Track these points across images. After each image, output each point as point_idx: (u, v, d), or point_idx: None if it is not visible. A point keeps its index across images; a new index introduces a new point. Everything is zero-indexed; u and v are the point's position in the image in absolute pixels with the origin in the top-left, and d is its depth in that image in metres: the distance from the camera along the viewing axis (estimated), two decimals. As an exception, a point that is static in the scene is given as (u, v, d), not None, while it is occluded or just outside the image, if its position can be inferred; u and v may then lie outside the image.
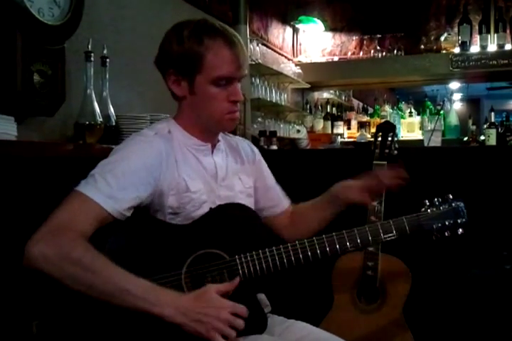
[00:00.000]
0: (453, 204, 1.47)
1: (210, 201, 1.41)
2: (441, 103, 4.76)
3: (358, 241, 1.39)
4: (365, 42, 4.89)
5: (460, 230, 1.46)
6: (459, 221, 1.46)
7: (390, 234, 1.42)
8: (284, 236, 1.63)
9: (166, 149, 1.37)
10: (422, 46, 4.62)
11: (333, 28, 5.02)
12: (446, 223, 1.45)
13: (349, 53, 4.96)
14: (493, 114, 4.26)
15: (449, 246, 2.35)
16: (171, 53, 1.38)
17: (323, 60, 5.03)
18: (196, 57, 1.35)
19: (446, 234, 1.46)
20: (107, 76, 2.18)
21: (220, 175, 1.47)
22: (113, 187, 1.25)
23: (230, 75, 1.38)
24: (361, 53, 4.89)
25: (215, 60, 1.36)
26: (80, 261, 1.15)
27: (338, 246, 1.37)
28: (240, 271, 1.31)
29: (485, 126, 4.10)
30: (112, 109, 2.19)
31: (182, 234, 1.34)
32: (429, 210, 1.46)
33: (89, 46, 2.07)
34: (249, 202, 1.50)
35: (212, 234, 1.35)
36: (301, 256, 1.35)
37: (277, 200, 1.66)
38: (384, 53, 4.71)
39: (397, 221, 1.43)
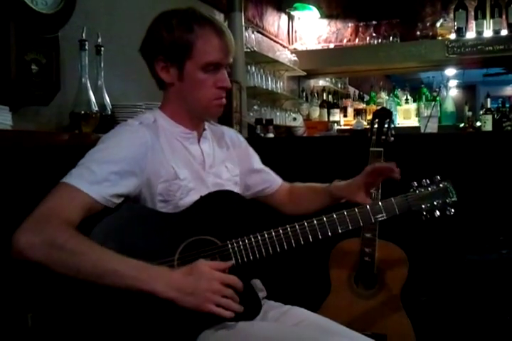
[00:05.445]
0: (440, 185, 1.51)
1: (197, 189, 1.41)
2: (437, 89, 4.76)
3: (349, 223, 1.41)
4: (360, 29, 4.87)
5: (451, 210, 1.49)
6: (447, 200, 1.49)
7: (380, 215, 1.45)
8: (287, 213, 1.70)
9: (152, 138, 1.38)
10: (418, 32, 4.61)
11: (328, 15, 5.00)
12: (435, 203, 1.49)
13: (345, 40, 4.94)
14: (489, 100, 4.26)
15: (446, 231, 2.36)
16: (161, 41, 1.39)
17: (319, 47, 5.01)
18: (186, 44, 1.37)
19: (436, 214, 1.48)
20: (102, 65, 2.18)
21: (208, 162, 1.49)
22: (97, 175, 1.26)
23: (219, 61, 1.41)
24: (357, 40, 4.88)
25: (205, 47, 1.38)
26: (66, 246, 1.15)
27: (328, 230, 1.39)
28: (233, 256, 1.33)
29: (481, 112, 4.10)
30: (107, 98, 2.19)
31: (173, 221, 1.34)
32: (417, 191, 1.49)
33: (84, 34, 2.06)
34: (236, 190, 1.52)
35: (203, 221, 1.35)
36: (292, 240, 1.36)
37: (271, 181, 1.71)
38: (380, 40, 4.70)
39: (386, 202, 1.46)
